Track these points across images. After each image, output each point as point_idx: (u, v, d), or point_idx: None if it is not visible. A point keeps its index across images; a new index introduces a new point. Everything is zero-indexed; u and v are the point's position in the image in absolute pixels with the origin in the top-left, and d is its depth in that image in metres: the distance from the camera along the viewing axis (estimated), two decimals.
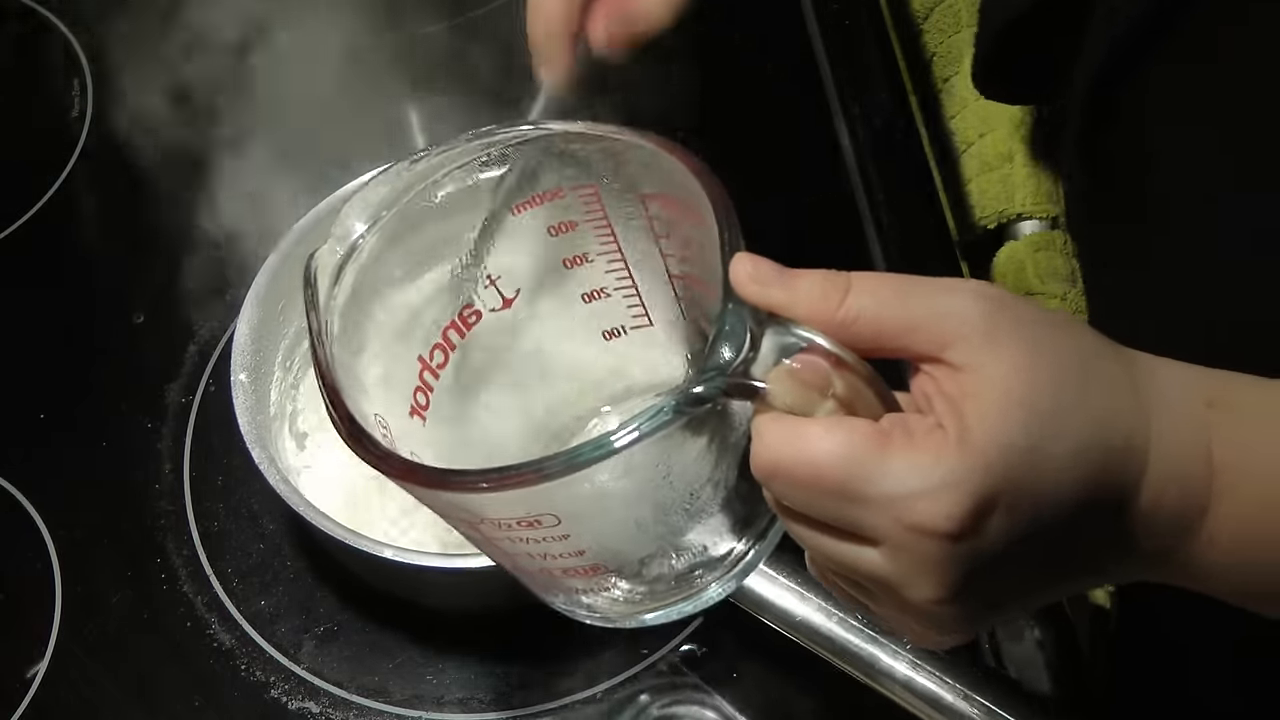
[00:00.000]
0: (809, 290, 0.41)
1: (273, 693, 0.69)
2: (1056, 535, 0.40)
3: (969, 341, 0.40)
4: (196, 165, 0.87)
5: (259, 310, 0.69)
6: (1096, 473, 0.40)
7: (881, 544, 0.39)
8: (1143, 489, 0.41)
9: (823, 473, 0.39)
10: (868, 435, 0.39)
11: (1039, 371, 0.39)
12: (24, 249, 0.86)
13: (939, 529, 0.38)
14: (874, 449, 0.39)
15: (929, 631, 0.43)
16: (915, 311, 0.40)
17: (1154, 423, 0.41)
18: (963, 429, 0.39)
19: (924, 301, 0.40)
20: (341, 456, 0.73)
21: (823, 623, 0.59)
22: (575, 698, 0.68)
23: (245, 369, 0.67)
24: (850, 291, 0.40)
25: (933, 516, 0.38)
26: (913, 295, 0.41)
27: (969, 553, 0.39)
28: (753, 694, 0.68)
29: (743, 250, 0.42)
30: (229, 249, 0.81)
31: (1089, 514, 0.40)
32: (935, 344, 0.40)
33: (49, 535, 0.74)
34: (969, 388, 0.39)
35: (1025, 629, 0.68)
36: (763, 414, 0.40)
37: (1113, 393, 0.41)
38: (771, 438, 0.40)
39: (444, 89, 0.90)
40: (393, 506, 0.71)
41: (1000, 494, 0.38)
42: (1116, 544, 0.42)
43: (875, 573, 0.40)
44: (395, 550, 0.61)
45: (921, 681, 0.56)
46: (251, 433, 0.65)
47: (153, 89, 0.90)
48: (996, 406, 0.39)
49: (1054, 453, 0.39)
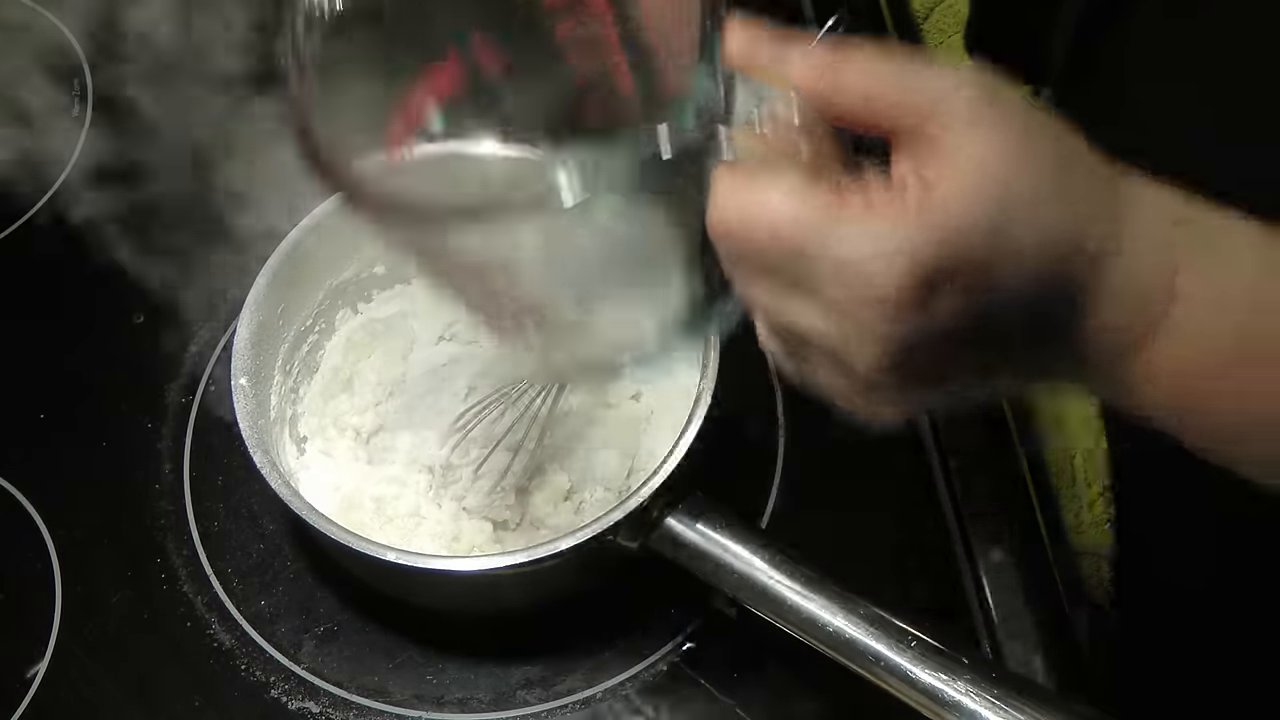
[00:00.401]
0: (800, 57, 0.41)
1: (273, 693, 0.69)
2: (1007, 326, 0.40)
3: (955, 118, 0.39)
4: (197, 166, 0.87)
5: (259, 313, 0.69)
6: (1061, 269, 0.40)
7: (830, 309, 0.39)
8: (1102, 296, 0.40)
9: (779, 235, 0.39)
10: (826, 200, 0.39)
11: (1021, 157, 0.39)
12: (24, 249, 0.86)
13: (886, 297, 0.38)
14: (830, 214, 0.39)
15: (863, 403, 0.43)
16: (907, 85, 0.40)
17: (1126, 231, 0.40)
18: (926, 200, 0.38)
19: (917, 78, 0.40)
20: (342, 459, 0.73)
21: (827, 619, 0.59)
22: (575, 698, 0.68)
23: (246, 373, 0.67)
24: (843, 61, 0.40)
25: (881, 284, 0.38)
26: (907, 71, 0.40)
27: (915, 329, 0.39)
28: (753, 693, 0.68)
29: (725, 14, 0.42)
30: (229, 249, 0.81)
31: (1044, 309, 0.40)
32: (919, 117, 0.39)
33: (49, 535, 0.74)
34: (947, 164, 0.39)
35: (1027, 629, 0.68)
36: (725, 172, 0.40)
37: (1091, 194, 0.40)
38: (731, 198, 0.40)
39: None
40: (393, 508, 0.71)
41: (956, 271, 0.38)
42: (1066, 347, 0.41)
43: (820, 337, 0.40)
44: (397, 553, 0.61)
45: (924, 677, 0.56)
46: (253, 437, 0.65)
47: (152, 89, 0.90)
48: (971, 181, 0.38)
49: (1022, 240, 0.39)
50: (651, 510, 0.63)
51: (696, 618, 0.70)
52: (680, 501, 0.64)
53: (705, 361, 0.65)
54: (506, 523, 0.71)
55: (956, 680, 0.56)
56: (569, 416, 0.75)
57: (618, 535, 0.62)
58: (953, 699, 0.56)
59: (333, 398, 0.75)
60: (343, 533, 0.62)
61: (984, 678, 0.56)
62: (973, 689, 0.55)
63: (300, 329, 0.75)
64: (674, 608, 0.70)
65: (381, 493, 0.71)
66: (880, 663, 0.58)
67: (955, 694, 0.56)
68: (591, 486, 0.73)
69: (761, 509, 0.74)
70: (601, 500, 0.72)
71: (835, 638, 0.59)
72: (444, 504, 0.71)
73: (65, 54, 0.95)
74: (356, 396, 0.76)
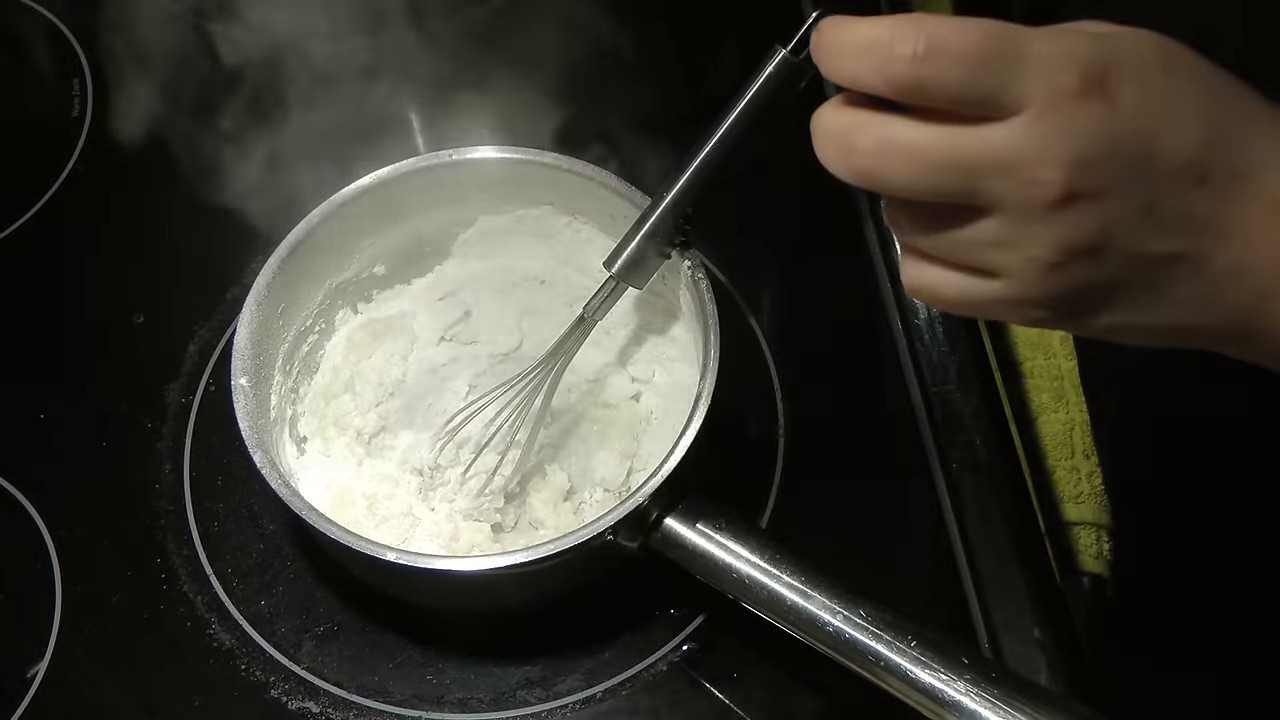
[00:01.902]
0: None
1: (273, 693, 0.69)
2: (1171, 178, 0.43)
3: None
4: (197, 166, 0.87)
5: (259, 313, 0.69)
6: (1227, 132, 0.44)
7: (1026, 110, 0.42)
8: (1263, 190, 0.45)
9: (987, 32, 0.42)
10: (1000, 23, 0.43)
11: (1186, 49, 0.45)
12: (24, 249, 0.86)
13: (1090, 73, 0.42)
14: (1023, 27, 0.42)
15: (1022, 278, 0.45)
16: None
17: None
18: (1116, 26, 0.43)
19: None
20: (341, 460, 0.74)
21: (827, 619, 0.59)
22: (575, 698, 0.68)
23: (245, 373, 0.67)
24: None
25: (1086, 60, 0.42)
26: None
27: (1103, 123, 0.42)
28: (753, 693, 0.68)
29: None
30: (229, 250, 0.81)
31: (1202, 174, 0.44)
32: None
33: (49, 535, 0.74)
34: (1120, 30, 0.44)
35: (1027, 629, 0.68)
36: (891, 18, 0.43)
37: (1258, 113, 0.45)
38: (927, 24, 0.42)
39: (445, 90, 0.90)
40: (385, 508, 0.71)
41: (1143, 61, 0.43)
42: (1221, 237, 0.45)
43: (1005, 154, 0.43)
44: (397, 553, 0.61)
45: (923, 677, 0.56)
46: (253, 437, 0.65)
47: (152, 89, 0.90)
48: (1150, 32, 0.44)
49: (1198, 76, 0.44)
50: (651, 510, 0.63)
51: (696, 618, 0.70)
52: (680, 502, 0.64)
53: (705, 361, 0.65)
54: (504, 524, 0.71)
55: (956, 680, 0.56)
56: (569, 417, 0.75)
57: (618, 536, 0.62)
58: (953, 699, 0.56)
59: (334, 398, 0.75)
60: (343, 533, 0.62)
61: (984, 678, 0.56)
62: (973, 689, 0.55)
63: (300, 329, 0.75)
64: (674, 608, 0.70)
65: (374, 490, 0.71)
66: (880, 663, 0.58)
67: (955, 694, 0.56)
68: (591, 487, 0.73)
69: (761, 509, 0.74)
70: (601, 501, 0.72)
71: (835, 638, 0.59)
72: (436, 506, 0.71)
73: (65, 54, 0.95)
74: (358, 397, 0.76)
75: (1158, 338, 0.49)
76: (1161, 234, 0.44)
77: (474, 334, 0.80)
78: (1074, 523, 0.78)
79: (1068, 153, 0.42)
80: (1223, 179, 0.44)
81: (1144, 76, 0.43)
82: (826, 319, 0.82)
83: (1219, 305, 0.46)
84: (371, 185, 0.73)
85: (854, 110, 0.45)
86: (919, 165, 0.44)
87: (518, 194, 0.76)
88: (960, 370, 0.77)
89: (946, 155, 0.43)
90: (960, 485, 0.74)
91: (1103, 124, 0.42)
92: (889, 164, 0.44)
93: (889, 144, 0.44)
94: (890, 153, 0.44)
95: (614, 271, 0.65)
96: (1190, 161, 0.44)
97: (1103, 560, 0.76)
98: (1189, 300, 0.46)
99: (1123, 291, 0.46)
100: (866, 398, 0.79)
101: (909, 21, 0.42)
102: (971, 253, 0.46)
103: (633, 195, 0.71)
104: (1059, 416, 0.80)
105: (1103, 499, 0.79)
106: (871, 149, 0.44)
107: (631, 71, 0.87)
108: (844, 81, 0.44)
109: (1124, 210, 0.44)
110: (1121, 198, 0.43)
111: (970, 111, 0.43)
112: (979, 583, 0.70)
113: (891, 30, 0.42)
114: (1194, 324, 0.47)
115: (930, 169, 0.44)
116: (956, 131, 0.43)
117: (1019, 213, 0.44)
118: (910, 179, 0.44)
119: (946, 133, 0.43)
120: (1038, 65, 0.42)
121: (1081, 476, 0.80)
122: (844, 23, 0.44)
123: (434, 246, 0.79)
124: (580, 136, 0.81)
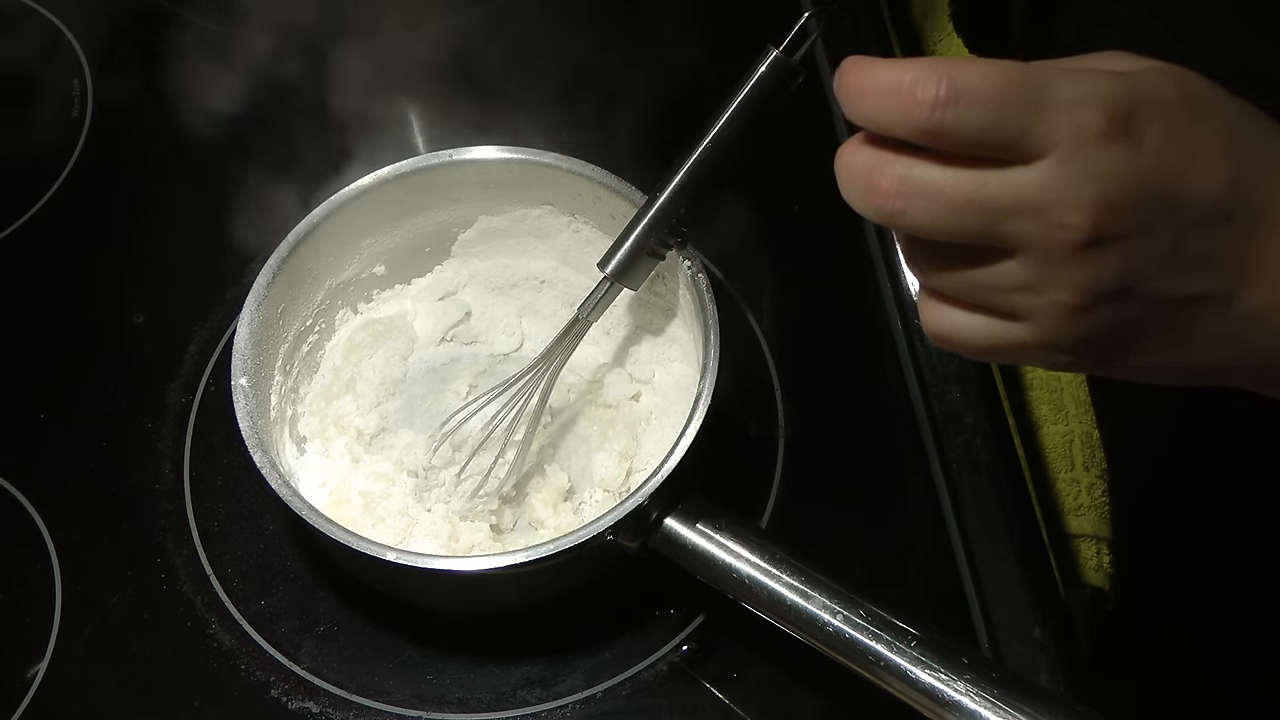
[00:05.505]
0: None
1: (273, 693, 0.69)
2: (1196, 218, 0.43)
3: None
4: (197, 166, 0.87)
5: (259, 313, 0.69)
6: (1252, 170, 0.44)
7: (1050, 153, 0.42)
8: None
9: (1009, 75, 0.41)
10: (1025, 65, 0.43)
11: (1214, 85, 0.45)
12: (24, 249, 0.86)
13: (1115, 114, 0.41)
14: (1045, 65, 0.42)
15: (1049, 325, 0.45)
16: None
17: None
18: (1138, 60, 0.43)
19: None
20: (341, 460, 0.73)
21: (827, 619, 0.59)
22: (575, 698, 0.68)
23: (245, 373, 0.67)
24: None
25: (1111, 101, 0.42)
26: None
27: (1129, 165, 0.42)
28: (753, 693, 0.68)
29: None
30: (229, 250, 0.81)
31: (1229, 212, 0.43)
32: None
33: (49, 535, 0.74)
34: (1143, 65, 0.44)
35: (1027, 629, 0.68)
36: (914, 58, 0.43)
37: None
38: (949, 67, 0.41)
39: (445, 90, 0.90)
40: (382, 507, 0.71)
41: (1167, 101, 0.42)
42: (1245, 273, 0.44)
43: (1030, 197, 0.42)
44: (398, 553, 0.61)
45: (924, 677, 0.56)
46: (253, 437, 0.65)
47: (152, 89, 0.90)
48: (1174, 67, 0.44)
49: (1222, 113, 0.44)
50: (651, 511, 0.63)
51: (696, 618, 0.70)
52: (680, 502, 0.64)
53: (705, 361, 0.65)
54: (503, 524, 0.71)
55: (956, 680, 0.56)
56: (568, 416, 0.75)
57: (618, 536, 0.62)
58: (953, 699, 0.56)
59: (335, 398, 0.75)
60: (343, 533, 0.62)
61: (984, 678, 0.56)
62: (973, 689, 0.55)
63: (300, 329, 0.75)
64: (674, 608, 0.70)
65: (370, 489, 0.71)
66: (880, 663, 0.58)
67: (955, 694, 0.56)
68: (591, 487, 0.73)
69: (761, 509, 0.74)
70: (601, 501, 0.72)
71: (835, 638, 0.59)
72: (432, 507, 0.71)
73: (65, 54, 0.95)
74: (359, 397, 0.76)
75: (1184, 378, 0.48)
76: (1187, 274, 0.44)
77: (474, 334, 0.80)
78: (1075, 535, 0.78)
79: (1094, 196, 0.42)
80: (1249, 217, 0.44)
81: (1169, 115, 0.42)
82: (826, 319, 0.82)
83: (1246, 344, 0.46)
84: (371, 185, 0.73)
85: (876, 150, 0.44)
86: (942, 207, 0.43)
87: (518, 194, 0.76)
88: (960, 370, 0.77)
89: (970, 198, 0.43)
90: (960, 485, 0.74)
91: (1128, 166, 0.42)
92: (912, 205, 0.44)
93: (911, 185, 0.43)
94: (913, 194, 0.43)
95: (608, 272, 0.65)
96: (1216, 201, 0.43)
97: (1103, 573, 0.76)
98: (1215, 340, 0.46)
99: (1148, 333, 0.45)
100: (866, 398, 0.79)
101: (931, 65, 0.42)
102: (994, 295, 0.45)
103: (632, 195, 0.71)
104: (1058, 429, 0.80)
105: (1103, 511, 0.79)
106: (894, 190, 0.44)
107: (631, 71, 0.87)
108: (866, 124, 0.44)
109: (1150, 252, 0.43)
110: (1147, 239, 0.43)
111: (993, 155, 0.42)
112: (979, 583, 0.70)
113: (913, 74, 0.42)
114: (1220, 364, 0.47)
115: (953, 211, 0.43)
116: (980, 174, 0.43)
117: (1044, 256, 0.43)
118: (933, 220, 0.44)
119: (970, 175, 0.43)
120: (1062, 108, 0.41)
121: (1081, 489, 0.80)
122: (865, 65, 0.43)
123: (434, 246, 0.79)
124: (580, 136, 0.81)
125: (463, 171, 0.74)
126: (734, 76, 0.58)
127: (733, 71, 0.59)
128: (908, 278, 0.81)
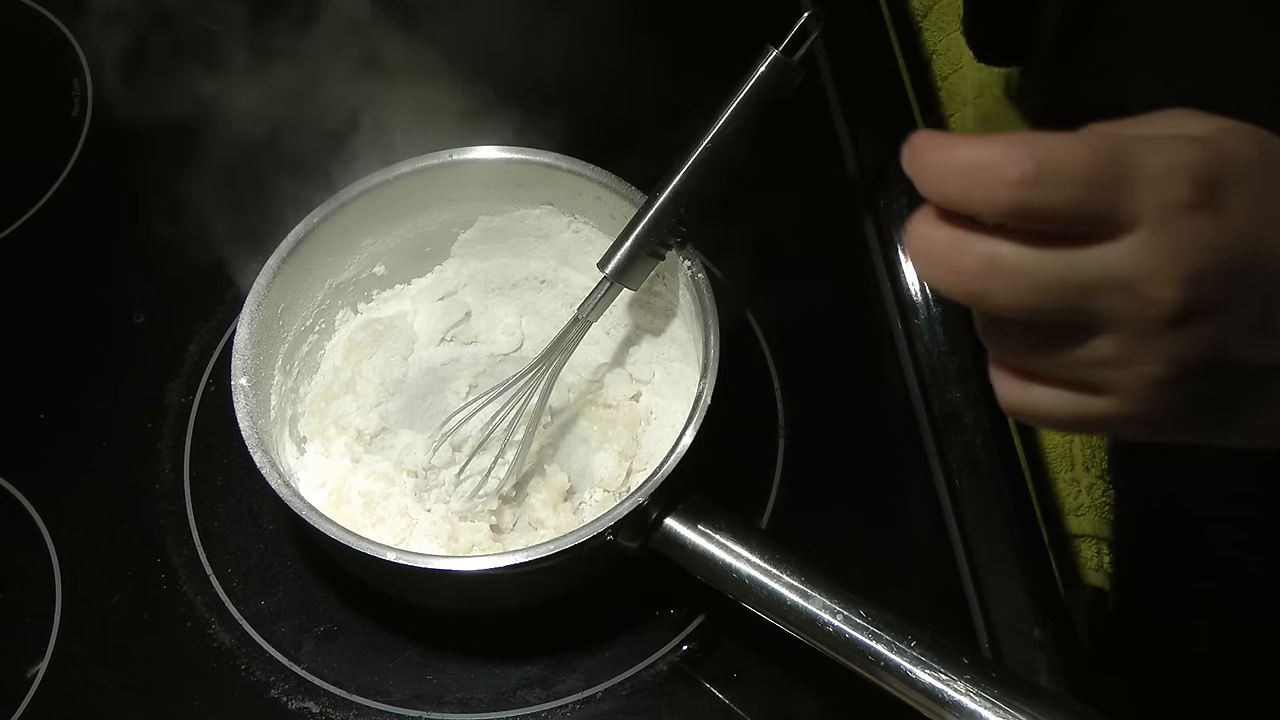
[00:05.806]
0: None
1: (273, 693, 0.69)
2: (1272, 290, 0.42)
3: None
4: (197, 166, 0.87)
5: (259, 313, 0.69)
6: None
7: (1138, 228, 0.41)
8: None
9: (1095, 150, 0.40)
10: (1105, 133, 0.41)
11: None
12: (24, 249, 0.86)
13: (1200, 183, 0.40)
14: (1126, 135, 0.41)
15: (1131, 386, 0.44)
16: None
17: None
18: (1210, 120, 0.42)
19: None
20: (341, 460, 0.73)
21: (827, 619, 0.59)
22: (575, 698, 0.68)
23: (245, 373, 0.67)
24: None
25: (1195, 169, 0.40)
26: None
27: (1215, 236, 0.41)
28: (753, 693, 0.68)
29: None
30: (229, 250, 0.81)
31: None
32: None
33: (49, 535, 0.74)
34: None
35: (1027, 629, 0.68)
36: (991, 137, 0.41)
37: None
38: (1033, 144, 0.40)
39: (445, 90, 0.90)
40: (382, 507, 0.71)
41: (1249, 165, 0.42)
42: None
43: (1118, 274, 0.41)
44: (398, 553, 0.61)
45: (924, 677, 0.56)
46: (253, 437, 0.65)
47: (152, 89, 0.90)
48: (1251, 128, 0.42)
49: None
50: (651, 511, 0.63)
51: (696, 618, 0.70)
52: (680, 502, 0.64)
53: (705, 361, 0.65)
54: (503, 524, 0.71)
55: (956, 680, 0.56)
56: (568, 416, 0.75)
57: (618, 536, 0.62)
58: (953, 699, 0.56)
59: (335, 399, 0.75)
60: (343, 533, 0.62)
61: (984, 678, 0.56)
62: (973, 689, 0.55)
63: (300, 329, 0.75)
64: (674, 608, 0.70)
65: (370, 489, 0.71)
66: (880, 663, 0.58)
67: (955, 694, 0.56)
68: (591, 487, 0.73)
69: (761, 509, 0.74)
70: (601, 501, 0.72)
71: (835, 638, 0.59)
72: (431, 507, 0.71)
73: (65, 54, 0.95)
74: (359, 397, 0.76)
75: (1262, 442, 0.48)
76: (1275, 342, 0.44)
77: (474, 334, 0.80)
78: (1075, 535, 0.78)
79: (1184, 270, 0.41)
80: None
81: (1250, 182, 0.42)
82: (826, 319, 0.82)
83: None
84: (371, 185, 0.73)
85: (953, 228, 0.42)
86: (1028, 286, 0.42)
87: (518, 194, 0.76)
88: (960, 370, 0.77)
89: (1057, 276, 0.42)
90: (960, 485, 0.74)
91: (1215, 238, 0.41)
92: (996, 285, 0.42)
93: (995, 265, 0.42)
94: (997, 273, 0.42)
95: (608, 272, 0.65)
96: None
97: (1104, 573, 0.76)
98: None
99: (1235, 401, 0.45)
100: (866, 398, 0.79)
101: (1012, 142, 0.40)
102: (1080, 371, 0.44)
103: (632, 195, 0.71)
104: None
105: (1103, 511, 0.79)
106: (978, 269, 0.42)
107: (631, 71, 0.87)
108: (947, 205, 0.42)
109: (1237, 322, 0.42)
110: (1235, 310, 0.42)
111: (1079, 230, 0.41)
112: (979, 583, 0.70)
113: (997, 153, 0.40)
114: None
115: (1039, 290, 0.42)
116: (1067, 253, 0.41)
117: (1133, 331, 0.42)
118: (1019, 300, 0.42)
119: (1056, 255, 0.41)
120: (1148, 180, 0.40)
121: (1081, 489, 0.80)
122: (942, 143, 0.41)
123: (434, 246, 0.79)
124: (580, 136, 0.81)
125: (463, 171, 0.75)
126: (734, 76, 0.58)
127: (732, 71, 0.59)
128: (908, 278, 0.81)
